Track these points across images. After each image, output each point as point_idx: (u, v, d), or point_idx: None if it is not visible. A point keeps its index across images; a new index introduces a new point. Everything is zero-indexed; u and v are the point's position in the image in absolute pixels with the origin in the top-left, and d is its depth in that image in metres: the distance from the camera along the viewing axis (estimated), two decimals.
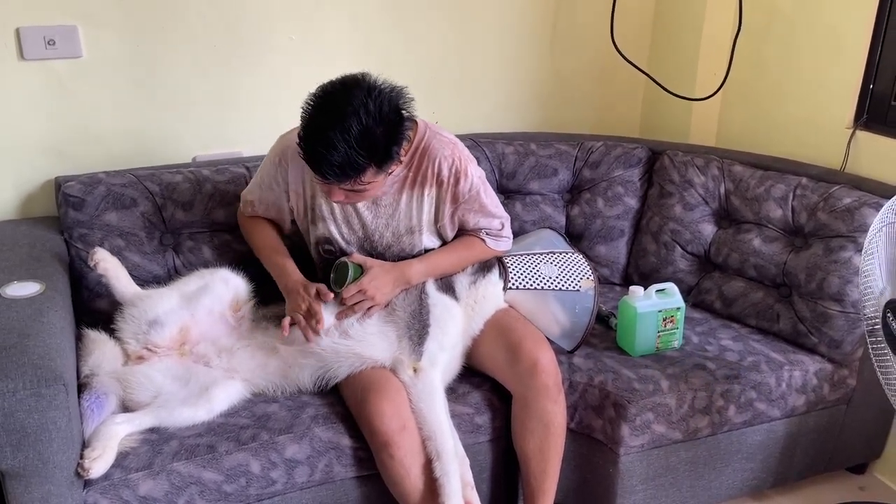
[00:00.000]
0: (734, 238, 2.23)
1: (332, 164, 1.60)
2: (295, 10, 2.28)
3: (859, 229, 1.98)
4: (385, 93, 1.63)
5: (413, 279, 1.88)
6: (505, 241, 2.01)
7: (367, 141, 1.59)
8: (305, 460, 1.69)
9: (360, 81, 1.64)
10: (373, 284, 1.82)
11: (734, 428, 1.95)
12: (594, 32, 2.66)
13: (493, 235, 1.98)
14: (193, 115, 2.27)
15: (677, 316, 1.99)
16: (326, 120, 1.60)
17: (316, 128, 1.61)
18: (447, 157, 1.84)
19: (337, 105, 1.60)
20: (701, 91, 2.57)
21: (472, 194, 1.89)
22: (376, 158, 1.64)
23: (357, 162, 1.60)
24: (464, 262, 1.96)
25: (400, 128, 1.66)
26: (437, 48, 2.49)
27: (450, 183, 1.86)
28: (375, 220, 1.89)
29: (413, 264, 1.89)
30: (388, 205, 1.88)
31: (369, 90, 1.61)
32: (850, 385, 2.05)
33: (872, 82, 2.20)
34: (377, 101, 1.60)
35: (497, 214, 1.97)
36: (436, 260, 1.93)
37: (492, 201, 1.95)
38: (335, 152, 1.58)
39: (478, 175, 1.90)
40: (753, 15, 2.44)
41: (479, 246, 1.97)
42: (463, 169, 1.85)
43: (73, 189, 1.99)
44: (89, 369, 1.69)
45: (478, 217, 1.94)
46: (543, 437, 1.81)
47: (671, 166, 2.37)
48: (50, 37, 2.03)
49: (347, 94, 1.61)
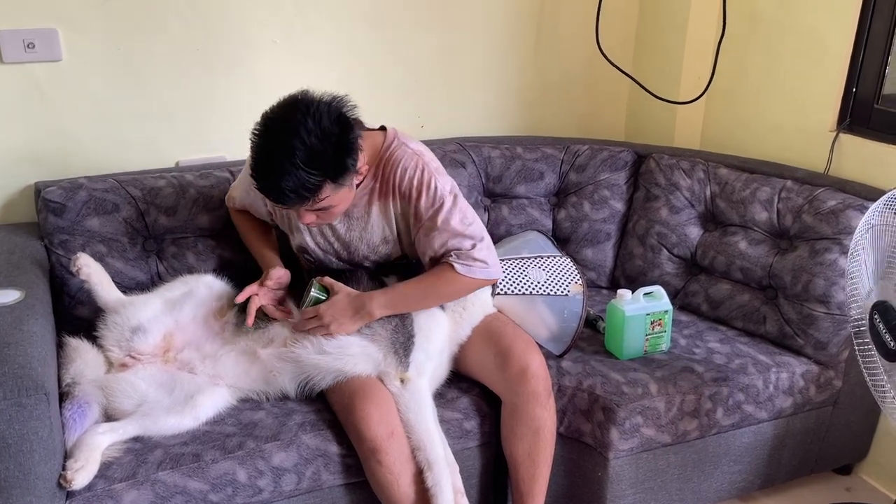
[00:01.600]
0: (720, 241, 2.23)
1: (285, 190, 1.58)
2: (278, 14, 2.26)
3: (844, 231, 2.00)
4: (323, 106, 1.60)
5: (375, 312, 1.76)
6: (480, 267, 1.76)
7: (314, 159, 1.57)
8: (293, 468, 1.67)
9: (298, 102, 1.60)
10: (329, 312, 1.76)
11: (722, 430, 1.96)
12: (579, 37, 2.66)
13: (462, 259, 1.75)
14: (176, 119, 2.24)
15: (665, 319, 1.99)
16: (271, 147, 1.59)
17: (263, 157, 1.60)
18: (409, 169, 1.76)
19: (278, 130, 1.59)
20: (685, 95, 2.58)
21: (435, 209, 1.76)
22: (330, 174, 1.61)
23: (310, 182, 1.58)
24: (432, 293, 1.80)
25: (347, 138, 1.62)
26: (423, 53, 2.48)
27: (411, 196, 1.77)
28: (349, 232, 1.86)
29: (375, 296, 1.77)
30: (360, 217, 1.84)
31: (307, 108, 1.58)
32: (836, 386, 2.06)
33: (855, 86, 2.22)
34: (315, 118, 1.57)
35: (467, 234, 1.77)
36: (401, 290, 1.79)
37: (461, 218, 1.77)
38: (287, 177, 1.57)
39: (445, 189, 1.77)
40: (737, 19, 2.45)
41: (448, 273, 1.76)
42: (425, 181, 1.75)
43: (54, 194, 1.96)
44: (71, 378, 1.67)
45: (444, 237, 1.76)
46: (533, 441, 1.80)
47: (657, 169, 2.37)
48: (29, 40, 2.00)
49: (286, 116, 1.59)
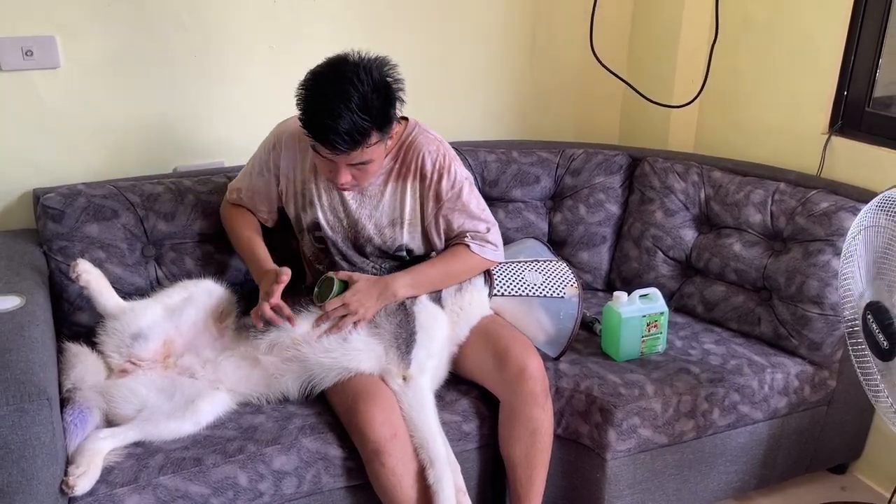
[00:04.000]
0: (715, 243, 2.25)
1: (340, 132, 1.66)
2: (275, 20, 2.27)
3: (837, 233, 2.02)
4: (372, 62, 1.72)
5: (399, 292, 1.86)
6: (491, 249, 1.95)
7: (366, 105, 1.67)
8: (293, 471, 1.67)
9: (347, 57, 1.72)
10: (356, 298, 1.81)
11: (718, 431, 1.97)
12: (573, 42, 2.68)
13: (478, 240, 1.93)
14: (174, 125, 2.25)
15: (661, 321, 2.01)
16: (326, 94, 1.67)
17: (318, 103, 1.68)
18: (431, 153, 1.88)
19: (332, 80, 1.68)
20: (679, 98, 2.60)
21: (455, 192, 1.90)
22: (377, 122, 1.70)
23: (362, 126, 1.67)
24: (451, 273, 1.93)
25: (391, 91, 1.73)
26: (419, 58, 2.49)
27: (432, 179, 1.88)
28: (360, 209, 1.91)
29: (398, 277, 1.88)
30: (373, 195, 1.91)
31: (357, 63, 1.70)
32: (830, 386, 2.08)
33: (847, 89, 2.25)
34: (367, 70, 1.68)
35: (482, 218, 1.95)
36: (422, 271, 1.90)
37: (477, 203, 1.94)
38: (341, 120, 1.65)
39: (463, 175, 1.92)
40: (730, 23, 2.48)
41: (464, 253, 1.92)
42: (447, 166, 1.88)
43: (53, 201, 1.96)
44: (72, 383, 1.67)
45: (462, 218, 1.92)
46: (530, 443, 1.81)
47: (651, 173, 2.39)
48: (28, 47, 2.01)
49: (338, 69, 1.70)
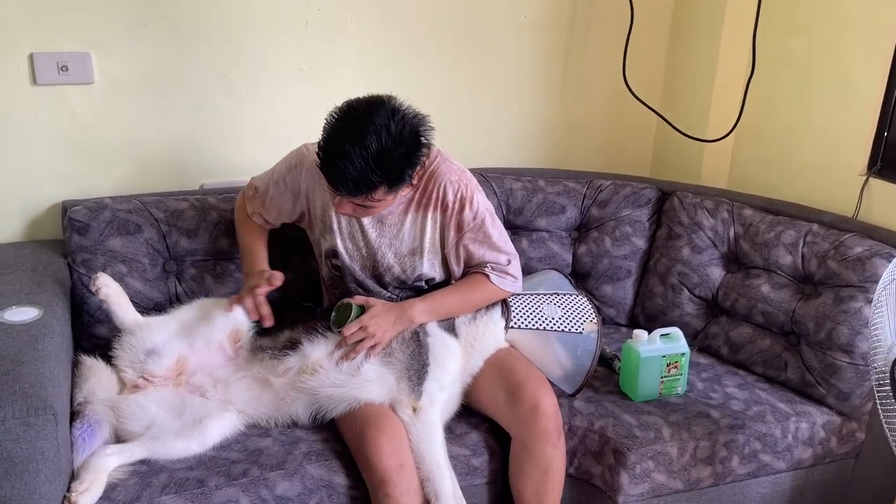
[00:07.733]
0: (742, 283, 2.19)
1: (347, 178, 1.63)
2: (304, 41, 2.29)
3: (870, 279, 1.94)
4: (408, 118, 1.67)
5: (416, 317, 1.85)
6: (510, 281, 1.93)
7: (383, 160, 1.62)
8: (296, 497, 1.66)
9: (385, 103, 1.67)
10: (374, 321, 1.80)
11: (738, 479, 1.90)
12: (606, 71, 2.66)
13: (498, 272, 1.91)
14: (202, 142, 2.28)
15: (681, 361, 1.96)
16: (347, 134, 1.63)
17: (336, 140, 1.65)
18: (454, 183, 1.84)
19: (359, 121, 1.63)
20: (713, 132, 2.55)
21: (477, 223, 1.87)
22: (389, 178, 1.66)
23: (371, 179, 1.63)
24: (468, 301, 1.91)
25: (417, 153, 1.69)
26: (447, 82, 2.49)
27: (454, 209, 1.85)
28: (379, 238, 1.90)
29: (415, 303, 1.86)
30: (393, 224, 1.89)
31: (393, 112, 1.65)
32: (858, 439, 2.00)
33: (887, 129, 2.18)
34: (399, 124, 1.64)
35: (504, 250, 1.92)
36: (439, 298, 1.89)
37: (499, 234, 1.92)
38: (351, 166, 1.61)
39: (485, 206, 1.89)
40: (767, 58, 2.43)
41: (483, 283, 1.90)
42: (469, 196, 1.85)
43: (79, 214, 2.00)
44: (83, 397, 1.68)
45: (483, 250, 1.90)
46: (541, 481, 1.77)
47: (680, 207, 2.34)
48: (63, 63, 2.06)
49: (371, 112, 1.64)
